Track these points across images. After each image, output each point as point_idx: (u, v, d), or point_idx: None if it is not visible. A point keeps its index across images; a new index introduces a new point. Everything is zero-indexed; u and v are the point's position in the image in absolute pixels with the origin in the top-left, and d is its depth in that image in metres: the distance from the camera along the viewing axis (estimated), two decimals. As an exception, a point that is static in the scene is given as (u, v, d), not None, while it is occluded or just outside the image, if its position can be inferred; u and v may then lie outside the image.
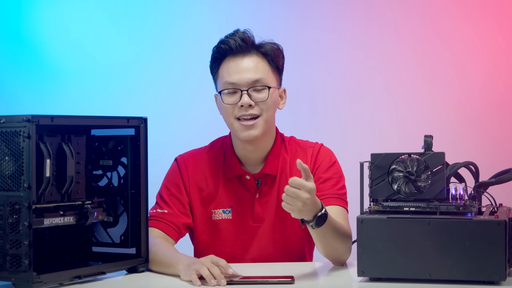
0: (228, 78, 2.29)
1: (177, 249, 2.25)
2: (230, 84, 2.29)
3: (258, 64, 2.31)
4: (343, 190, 2.36)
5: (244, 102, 2.27)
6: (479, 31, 3.69)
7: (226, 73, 2.30)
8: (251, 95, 2.28)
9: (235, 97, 2.28)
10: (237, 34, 2.32)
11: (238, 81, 2.28)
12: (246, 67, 2.29)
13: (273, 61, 2.33)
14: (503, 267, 1.86)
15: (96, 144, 2.16)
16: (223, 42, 2.32)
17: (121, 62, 3.92)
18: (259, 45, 2.33)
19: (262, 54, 2.32)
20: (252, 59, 2.31)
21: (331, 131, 3.73)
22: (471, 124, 3.69)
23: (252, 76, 2.28)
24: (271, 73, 2.33)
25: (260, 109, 2.28)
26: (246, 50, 2.31)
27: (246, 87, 2.28)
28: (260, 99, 2.28)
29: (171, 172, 2.41)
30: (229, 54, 2.31)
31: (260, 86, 2.29)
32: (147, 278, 2.10)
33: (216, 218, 2.37)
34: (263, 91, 2.29)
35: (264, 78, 2.30)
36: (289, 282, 1.97)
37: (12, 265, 1.86)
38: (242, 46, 2.30)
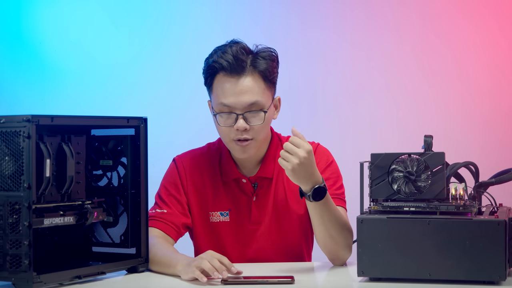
0: (224, 100, 2.24)
1: (177, 249, 2.25)
2: (226, 106, 2.24)
3: (254, 85, 2.24)
4: (341, 189, 2.36)
5: (239, 127, 2.24)
6: (479, 30, 3.69)
7: (221, 93, 2.25)
8: (246, 118, 2.24)
9: (230, 120, 2.25)
10: (230, 52, 2.23)
11: (234, 104, 2.23)
12: (242, 90, 2.23)
13: (269, 78, 2.27)
14: (503, 267, 1.86)
15: (96, 144, 2.16)
16: (216, 62, 2.24)
17: (121, 62, 3.92)
18: (254, 64, 2.24)
19: (257, 73, 2.25)
20: (247, 79, 2.24)
21: (331, 131, 3.73)
22: (471, 124, 3.69)
23: (248, 99, 2.23)
24: (266, 90, 2.27)
25: (254, 133, 2.26)
26: (241, 71, 2.23)
27: (241, 111, 2.23)
28: (256, 122, 2.25)
29: (169, 172, 2.42)
30: (224, 71, 2.24)
31: (256, 110, 2.24)
32: (147, 278, 2.10)
33: (214, 220, 2.37)
34: (258, 114, 2.25)
35: (260, 100, 2.24)
36: (289, 282, 1.97)
37: (12, 265, 1.86)
38: (236, 66, 2.22)
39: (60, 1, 3.95)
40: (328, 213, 2.13)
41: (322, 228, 2.16)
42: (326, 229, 2.15)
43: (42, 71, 3.96)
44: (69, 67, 3.95)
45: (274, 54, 2.30)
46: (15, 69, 3.98)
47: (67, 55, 3.95)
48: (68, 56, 3.95)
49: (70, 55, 3.94)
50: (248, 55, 2.26)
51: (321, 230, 2.16)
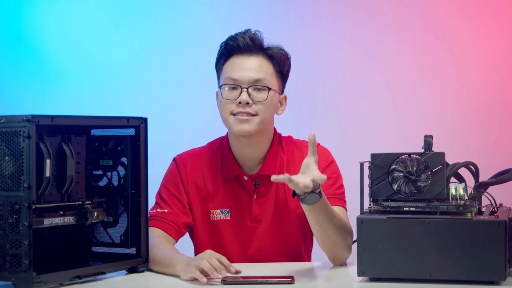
0: (231, 74, 2.30)
1: (178, 249, 2.25)
2: (232, 79, 2.29)
3: (263, 65, 2.31)
4: (341, 189, 2.36)
5: (242, 99, 2.27)
6: (479, 30, 3.70)
7: (230, 69, 2.31)
8: (250, 93, 2.28)
9: (235, 93, 2.29)
10: (247, 33, 2.33)
11: (240, 78, 2.29)
12: (250, 66, 2.30)
13: (278, 65, 2.34)
14: (503, 267, 1.86)
15: (96, 144, 2.16)
16: (232, 39, 2.33)
17: (121, 62, 3.92)
18: (267, 48, 2.34)
19: (268, 57, 2.33)
20: (257, 59, 2.32)
21: (331, 131, 3.73)
22: (471, 124, 3.70)
23: (254, 75, 2.29)
24: (274, 76, 2.33)
25: (258, 109, 2.28)
26: (253, 50, 2.32)
27: (246, 85, 2.28)
28: (259, 98, 2.29)
29: (169, 172, 2.42)
30: (236, 51, 2.32)
31: (261, 86, 2.29)
32: (147, 278, 2.10)
33: (214, 218, 2.37)
34: (263, 91, 2.29)
35: (266, 79, 2.30)
36: (289, 282, 1.97)
37: (12, 265, 1.86)
38: (250, 45, 2.31)
39: (60, 1, 3.95)
40: (323, 215, 2.12)
41: (319, 229, 2.16)
42: (323, 230, 2.15)
43: (42, 71, 3.96)
44: (69, 67, 3.95)
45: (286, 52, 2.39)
46: (15, 69, 3.98)
47: (67, 55, 3.95)
48: (68, 56, 3.95)
49: (70, 55, 3.94)
50: (263, 41, 2.34)
51: (318, 231, 2.16)
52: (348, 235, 2.21)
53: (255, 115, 2.29)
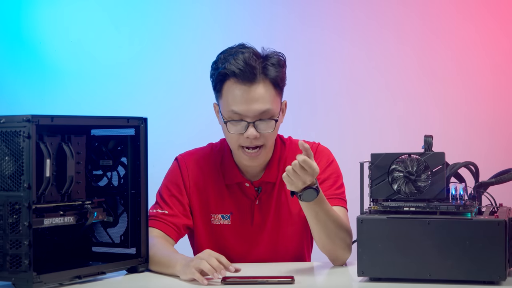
0: (235, 108, 2.21)
1: (178, 250, 2.25)
2: (236, 114, 2.21)
3: (266, 94, 2.21)
4: (341, 189, 2.35)
5: (249, 135, 2.21)
6: (480, 30, 3.70)
7: (232, 101, 2.21)
8: (257, 126, 2.22)
9: (240, 126, 2.22)
10: (242, 58, 2.19)
11: (245, 112, 2.20)
12: (253, 98, 2.19)
13: (279, 85, 2.25)
14: (503, 267, 1.86)
15: (96, 144, 2.16)
16: (227, 68, 2.20)
17: (121, 62, 3.92)
18: (265, 70, 2.20)
19: (269, 81, 2.22)
20: (259, 87, 2.20)
21: (331, 131, 3.73)
22: (471, 124, 3.70)
23: (259, 107, 2.20)
24: (276, 98, 2.25)
25: (265, 139, 2.24)
26: (253, 79, 2.19)
27: (252, 119, 2.21)
28: (266, 130, 2.23)
29: (171, 171, 2.41)
30: (236, 77, 2.20)
31: (267, 118, 2.22)
32: (147, 278, 2.10)
33: (215, 222, 2.37)
34: (269, 122, 2.23)
35: (271, 108, 2.22)
36: (289, 282, 1.97)
37: (12, 265, 1.86)
38: (248, 74, 2.18)
39: (60, 1, 3.95)
40: (322, 213, 2.12)
41: (318, 228, 2.15)
42: (322, 229, 2.15)
43: (42, 71, 3.96)
44: (69, 67, 3.94)
45: (282, 59, 2.27)
46: (15, 69, 3.98)
47: (67, 55, 3.95)
48: (68, 56, 3.95)
49: (70, 55, 3.94)
50: (258, 61, 2.22)
51: (317, 230, 2.16)
52: (347, 235, 2.21)
53: (262, 146, 2.25)
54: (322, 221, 2.13)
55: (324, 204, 2.12)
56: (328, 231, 2.15)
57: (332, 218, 2.15)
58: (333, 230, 2.16)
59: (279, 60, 2.25)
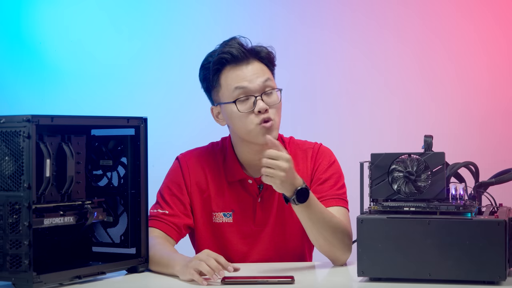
0: (239, 84, 2.26)
1: (179, 249, 2.25)
2: (242, 89, 2.25)
3: (263, 69, 2.30)
4: (342, 189, 2.35)
5: (261, 108, 2.24)
6: (479, 30, 3.70)
7: (235, 80, 2.26)
8: (263, 99, 2.26)
9: (249, 103, 2.26)
10: (235, 41, 2.30)
11: (250, 86, 2.25)
12: (253, 72, 2.27)
13: (271, 64, 2.34)
14: (503, 267, 1.86)
15: (96, 144, 2.16)
16: (225, 52, 2.28)
17: (121, 62, 3.92)
18: (256, 51, 2.31)
19: (260, 60, 2.31)
20: (255, 64, 2.29)
21: (331, 131, 3.73)
22: (471, 124, 3.70)
23: (261, 79, 2.27)
24: (272, 76, 2.33)
25: (273, 113, 2.27)
26: (247, 57, 2.28)
27: (258, 92, 2.26)
28: (273, 102, 2.27)
29: (172, 171, 2.41)
30: (231, 63, 2.27)
31: (270, 89, 2.28)
32: (147, 278, 2.10)
33: (216, 221, 2.37)
34: (272, 94, 2.28)
35: (271, 80, 2.30)
36: (289, 282, 1.97)
37: (12, 265, 1.86)
38: (244, 52, 2.27)
39: (60, 1, 3.95)
40: (315, 215, 2.12)
41: (313, 231, 2.16)
42: (317, 231, 2.15)
43: (42, 71, 3.96)
44: (69, 67, 3.94)
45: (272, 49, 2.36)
46: (15, 69, 3.98)
47: (67, 55, 3.95)
48: (68, 56, 3.95)
49: (70, 55, 3.94)
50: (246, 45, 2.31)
51: (313, 233, 2.16)
52: (344, 235, 2.20)
53: (272, 119, 2.27)
54: (316, 224, 2.13)
55: (316, 205, 2.12)
56: (324, 233, 2.15)
57: (326, 220, 2.15)
58: (328, 232, 2.15)
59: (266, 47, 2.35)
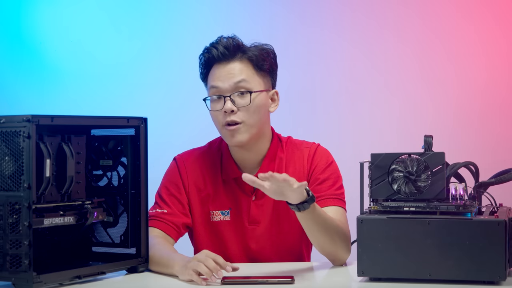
0: (212, 83, 2.30)
1: (177, 249, 2.25)
2: (214, 88, 2.29)
3: (242, 68, 2.29)
4: (340, 190, 2.36)
5: (226, 108, 2.26)
6: (479, 30, 3.70)
7: (211, 78, 2.32)
8: (234, 100, 2.27)
9: (220, 103, 2.29)
10: (220, 42, 2.32)
11: (221, 86, 2.28)
12: (229, 72, 2.29)
13: (258, 65, 2.31)
14: (503, 267, 1.86)
15: (96, 144, 2.16)
16: (207, 51, 2.33)
17: (121, 62, 3.92)
18: (243, 50, 2.31)
19: (247, 59, 2.31)
20: (234, 65, 2.30)
21: (331, 131, 3.73)
22: (471, 124, 3.70)
23: (233, 81, 2.28)
24: (256, 76, 2.30)
25: (242, 115, 2.27)
26: (229, 57, 2.30)
27: (229, 92, 2.27)
28: (243, 104, 2.27)
29: (170, 171, 2.42)
30: (213, 62, 2.32)
31: (243, 90, 2.28)
32: (147, 278, 2.10)
33: (214, 219, 2.37)
34: (245, 96, 2.28)
35: (247, 80, 2.28)
36: (289, 282, 1.97)
37: (12, 265, 1.86)
38: (225, 53, 2.30)
39: (60, 1, 3.95)
40: (315, 221, 2.12)
41: (312, 234, 2.16)
42: (316, 234, 2.15)
43: (42, 71, 3.96)
44: (69, 67, 3.95)
45: (267, 47, 2.35)
46: (15, 69, 3.98)
47: (67, 55, 3.95)
48: (68, 56, 3.95)
49: (70, 55, 3.94)
50: (238, 44, 2.32)
51: (312, 235, 2.17)
52: (345, 236, 2.21)
53: (241, 123, 2.27)
54: (316, 227, 2.13)
55: (316, 211, 2.11)
56: (323, 235, 2.15)
57: (326, 223, 2.14)
58: (328, 234, 2.15)
59: (262, 46, 2.34)
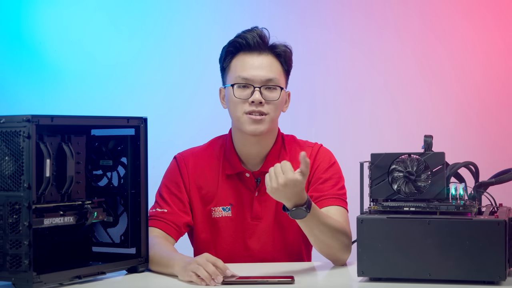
0: (242, 73, 2.30)
1: (177, 248, 2.25)
2: (244, 79, 2.30)
3: (273, 64, 2.33)
4: (342, 190, 2.36)
5: (255, 99, 2.28)
6: (478, 30, 3.70)
7: (240, 67, 2.32)
8: (262, 93, 2.29)
9: (247, 92, 2.30)
10: (255, 31, 2.34)
11: (252, 77, 2.30)
12: (261, 65, 2.31)
13: (285, 64, 2.36)
14: (503, 267, 1.86)
15: (96, 144, 2.16)
16: (241, 37, 2.34)
17: (121, 62, 3.92)
18: (274, 46, 2.35)
19: (276, 55, 2.34)
20: (267, 58, 2.33)
21: (331, 131, 3.73)
22: (471, 124, 3.70)
23: (266, 74, 2.30)
24: (282, 74, 2.35)
25: (269, 108, 2.30)
26: (262, 48, 2.33)
27: (259, 84, 2.29)
28: (272, 98, 2.30)
29: (170, 170, 2.42)
30: (245, 49, 2.33)
31: (273, 85, 2.31)
32: (147, 278, 2.10)
33: (216, 215, 2.38)
34: (275, 90, 2.31)
35: (277, 78, 2.32)
36: (289, 282, 1.97)
37: (12, 265, 1.86)
38: (260, 43, 2.32)
39: (60, 1, 3.95)
40: (315, 225, 2.12)
41: (312, 236, 2.16)
42: (316, 237, 2.15)
43: (42, 71, 3.96)
44: (69, 67, 3.94)
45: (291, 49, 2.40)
46: (15, 69, 3.97)
47: (67, 55, 3.94)
48: (68, 56, 3.94)
49: (70, 55, 3.94)
50: (268, 37, 2.36)
51: (312, 238, 2.17)
52: (344, 237, 2.20)
53: (266, 114, 2.29)
54: (315, 231, 2.13)
55: (316, 216, 2.11)
56: (323, 238, 2.15)
57: (326, 226, 2.14)
58: (327, 236, 2.15)
59: (288, 47, 2.39)
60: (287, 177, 2.01)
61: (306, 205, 2.06)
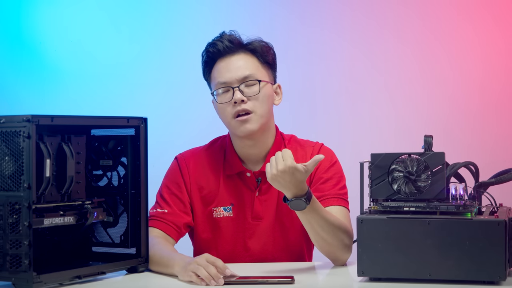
0: (220, 78, 2.32)
1: (178, 248, 2.25)
2: (222, 83, 2.31)
3: (248, 61, 2.33)
4: (344, 190, 2.36)
5: (236, 98, 2.28)
6: (478, 31, 3.69)
7: (217, 74, 2.33)
8: (243, 91, 2.30)
9: (228, 95, 2.31)
10: (223, 36, 2.35)
11: (229, 79, 2.31)
12: (235, 65, 2.32)
13: (262, 57, 2.36)
14: (503, 267, 1.86)
15: (96, 144, 2.16)
16: (211, 45, 2.36)
17: (121, 62, 3.92)
18: (246, 43, 2.36)
19: (250, 51, 2.35)
20: (240, 57, 2.34)
21: (331, 131, 3.73)
22: (471, 124, 3.69)
23: (241, 72, 2.31)
24: (261, 68, 2.35)
25: (254, 105, 2.30)
26: (234, 50, 2.34)
27: (237, 84, 2.30)
28: (252, 93, 2.30)
29: (171, 171, 2.42)
30: (218, 56, 2.34)
31: (251, 80, 2.31)
32: (147, 278, 2.10)
33: (217, 216, 2.38)
34: (254, 85, 2.31)
35: (254, 73, 2.32)
36: (289, 282, 1.97)
37: (12, 265, 1.86)
38: (230, 46, 2.33)
39: (60, 1, 3.95)
40: (315, 219, 2.12)
41: (313, 232, 2.16)
42: (317, 233, 2.15)
43: (42, 71, 3.96)
44: (69, 67, 3.94)
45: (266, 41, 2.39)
46: (15, 69, 3.98)
47: (67, 55, 3.95)
48: (68, 56, 3.95)
49: (70, 55, 3.94)
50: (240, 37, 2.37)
51: (312, 234, 2.17)
52: (345, 235, 2.20)
53: (252, 112, 2.29)
54: (316, 226, 2.13)
55: (317, 210, 2.12)
56: (323, 234, 2.15)
57: (327, 222, 2.14)
58: (328, 233, 2.15)
59: (262, 40, 2.39)
60: (286, 163, 2.02)
61: (306, 196, 2.06)
